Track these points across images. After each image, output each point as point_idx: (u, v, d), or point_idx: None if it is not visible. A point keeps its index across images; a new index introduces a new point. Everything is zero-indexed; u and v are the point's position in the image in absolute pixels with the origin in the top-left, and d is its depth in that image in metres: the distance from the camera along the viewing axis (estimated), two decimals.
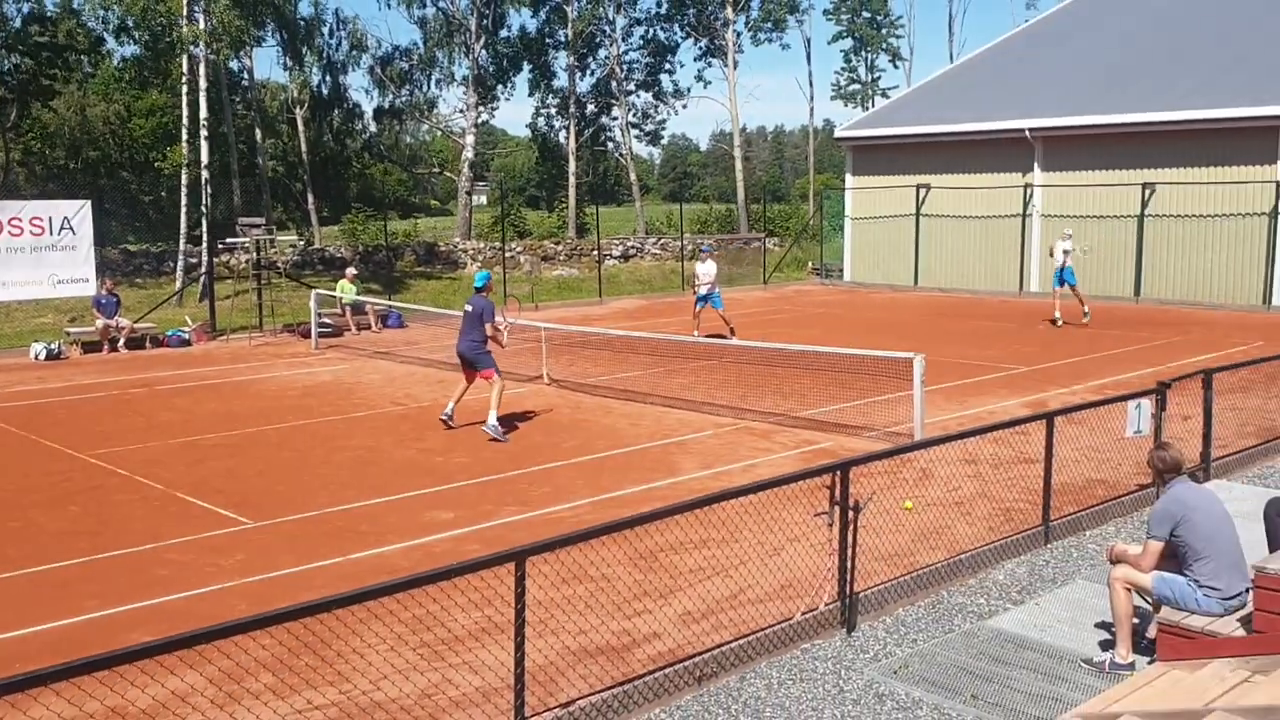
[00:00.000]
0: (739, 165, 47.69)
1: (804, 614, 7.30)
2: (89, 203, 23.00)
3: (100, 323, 21.69)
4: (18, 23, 32.87)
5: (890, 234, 32.70)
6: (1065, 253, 22.52)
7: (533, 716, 5.89)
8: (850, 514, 7.32)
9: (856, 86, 58.31)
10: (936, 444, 9.21)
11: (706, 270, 21.30)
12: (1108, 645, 6.99)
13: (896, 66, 58.52)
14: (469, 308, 13.56)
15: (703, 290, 21.22)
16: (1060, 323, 22.68)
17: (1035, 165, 29.56)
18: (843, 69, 58.59)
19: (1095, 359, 18.72)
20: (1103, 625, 7.33)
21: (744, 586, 7.99)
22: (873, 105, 52.95)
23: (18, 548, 9.36)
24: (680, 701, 6.37)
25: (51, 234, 21.90)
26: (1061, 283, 22.66)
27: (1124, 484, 10.63)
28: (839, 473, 7.33)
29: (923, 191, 31.82)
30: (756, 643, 6.94)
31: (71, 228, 22.20)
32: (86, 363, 20.52)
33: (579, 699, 6.16)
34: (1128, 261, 27.66)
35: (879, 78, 58.80)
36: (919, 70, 68.63)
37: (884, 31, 56.93)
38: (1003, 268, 30.27)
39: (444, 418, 13.71)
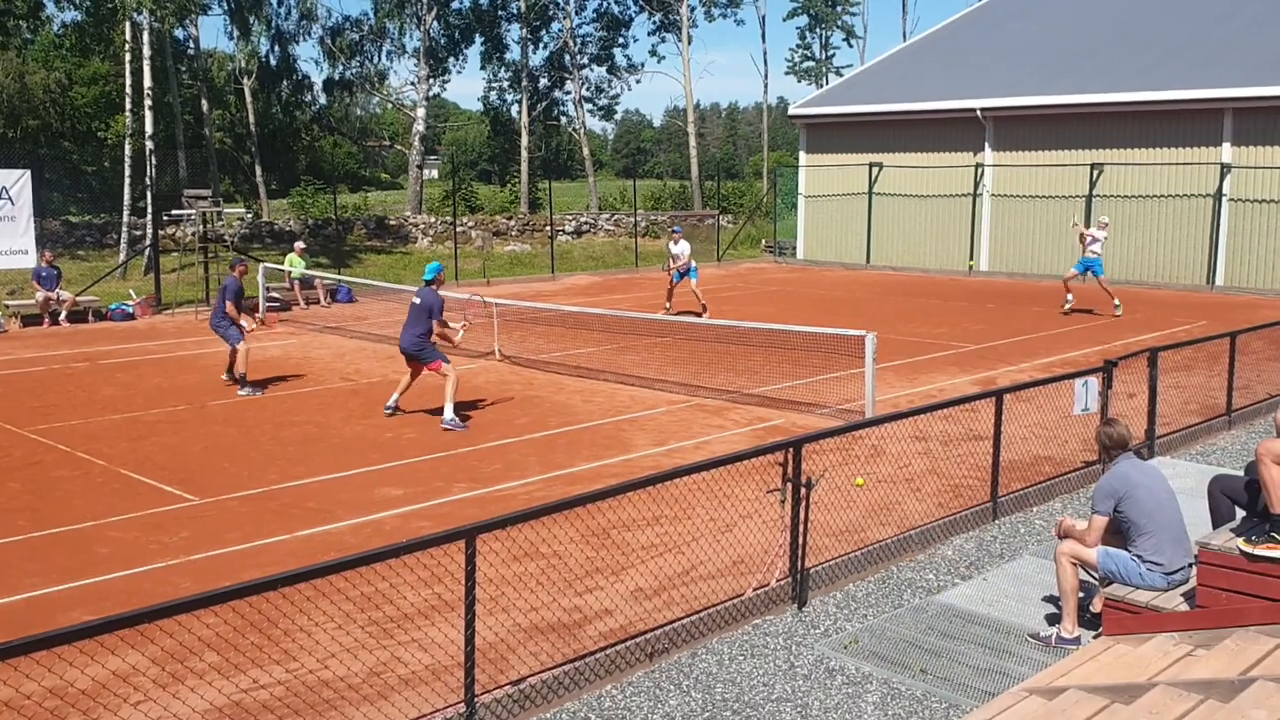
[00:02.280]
0: (693, 141, 47.58)
1: (755, 590, 7.31)
2: (28, 172, 22.42)
3: (40, 295, 21.22)
4: None
5: (843, 212, 32.81)
6: (1097, 243, 21.27)
7: (483, 694, 5.85)
8: (802, 490, 7.33)
9: (811, 64, 58.40)
10: (887, 421, 9.25)
11: (681, 250, 21.32)
12: (1054, 620, 7.07)
13: (851, 45, 58.81)
14: (416, 300, 12.73)
15: (679, 269, 21.26)
16: (1069, 310, 21.55)
17: (986, 145, 29.76)
18: (797, 46, 58.67)
19: (1042, 337, 18.94)
20: (1049, 600, 7.41)
21: (696, 563, 7.99)
22: (827, 83, 53.01)
23: None
24: (632, 678, 6.35)
25: None
26: (1086, 271, 21.38)
27: (1071, 461, 10.75)
28: (791, 450, 7.34)
29: (875, 170, 31.94)
30: (708, 619, 6.94)
31: (10, 198, 21.65)
32: (26, 336, 20.08)
33: (529, 676, 6.12)
34: (1073, 241, 27.92)
35: (833, 55, 58.96)
36: (873, 48, 68.93)
37: (839, 9, 56.97)
38: (954, 247, 30.50)
39: (388, 411, 13.03)
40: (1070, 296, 21.74)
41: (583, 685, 6.19)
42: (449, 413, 12.52)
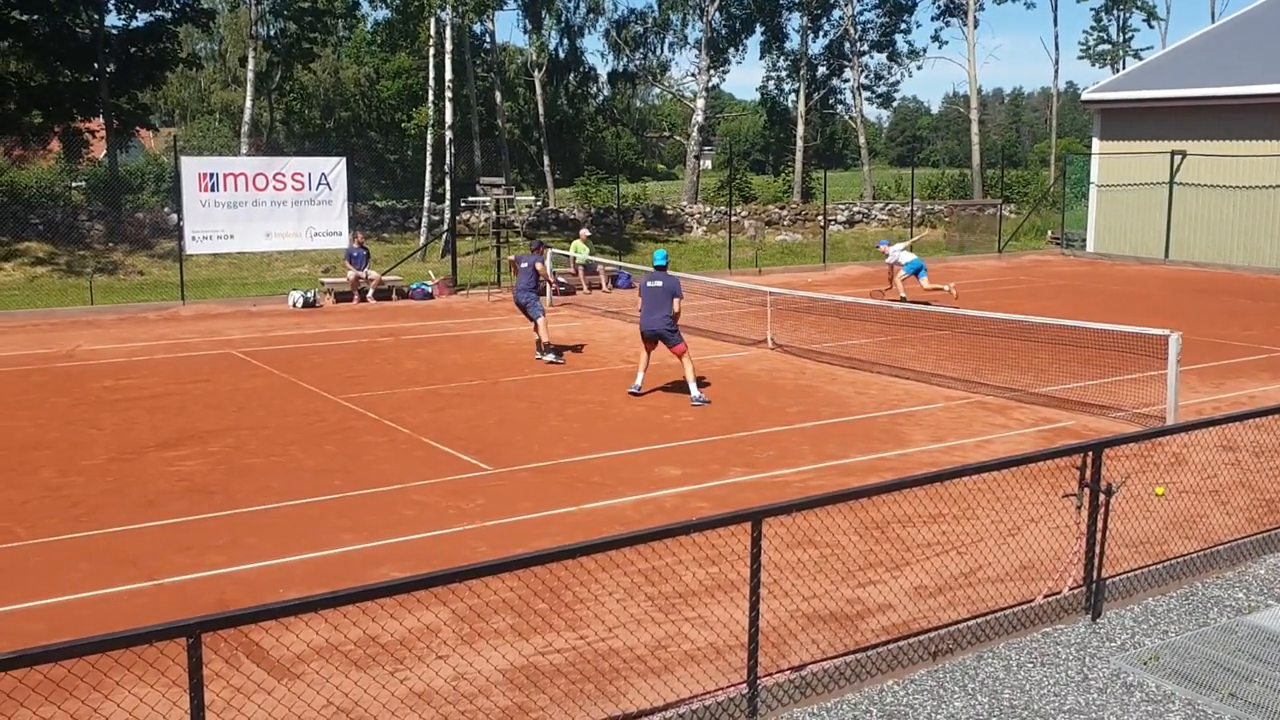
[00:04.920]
0: (975, 128, 45.88)
1: (1046, 597, 7.04)
2: (344, 159, 24.36)
3: (351, 274, 23.01)
4: None
5: (1140, 203, 30.82)
6: None
7: (764, 677, 5.93)
8: (1102, 497, 6.99)
9: (1106, 47, 55.05)
10: (1195, 428, 8.65)
11: (895, 256, 21.75)
12: None
13: (1152, 26, 55.16)
14: (657, 284, 13.40)
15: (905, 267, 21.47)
16: None
17: None
18: (1092, 28, 55.43)
19: None
20: None
21: (979, 565, 7.77)
22: (1123, 67, 49.88)
23: (281, 481, 10.10)
24: (914, 675, 6.27)
25: (310, 189, 23.33)
26: None
27: None
28: (1091, 453, 7.01)
29: (1178, 158, 29.82)
30: (994, 622, 6.74)
31: (328, 183, 23.57)
32: (338, 311, 21.83)
33: (811, 663, 6.15)
34: None
35: (1131, 38, 55.27)
36: (1175, 30, 64.20)
37: None
38: (1265, 242, 28.05)
39: (633, 391, 13.54)
40: None
41: (863, 678, 6.16)
42: (695, 389, 13.19)
